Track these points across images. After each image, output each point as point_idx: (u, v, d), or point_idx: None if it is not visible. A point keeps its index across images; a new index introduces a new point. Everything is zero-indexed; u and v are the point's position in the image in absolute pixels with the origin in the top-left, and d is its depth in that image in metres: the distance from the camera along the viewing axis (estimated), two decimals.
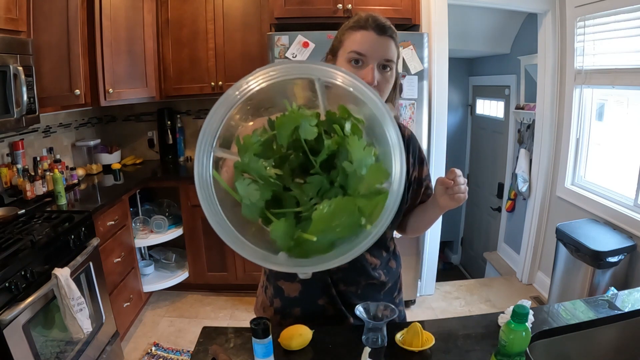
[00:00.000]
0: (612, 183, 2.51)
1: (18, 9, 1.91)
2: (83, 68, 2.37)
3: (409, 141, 1.10)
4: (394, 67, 0.96)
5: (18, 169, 2.28)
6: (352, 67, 0.94)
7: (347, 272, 1.07)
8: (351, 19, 0.98)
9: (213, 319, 2.77)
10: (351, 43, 0.94)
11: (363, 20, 0.94)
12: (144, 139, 3.43)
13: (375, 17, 0.95)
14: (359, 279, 1.09)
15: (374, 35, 0.92)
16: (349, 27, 0.96)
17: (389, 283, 1.15)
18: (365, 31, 0.93)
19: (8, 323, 1.43)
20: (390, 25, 0.96)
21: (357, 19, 0.96)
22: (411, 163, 1.10)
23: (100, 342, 2.07)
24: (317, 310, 1.11)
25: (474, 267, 4.49)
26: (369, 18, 0.94)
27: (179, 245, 3.12)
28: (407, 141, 1.09)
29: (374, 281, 1.11)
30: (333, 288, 1.08)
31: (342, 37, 0.97)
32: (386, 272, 1.14)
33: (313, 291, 1.10)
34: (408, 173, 1.09)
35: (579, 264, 2.26)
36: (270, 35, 2.43)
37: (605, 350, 0.98)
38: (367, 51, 0.92)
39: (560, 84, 2.82)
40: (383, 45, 0.93)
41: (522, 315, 0.80)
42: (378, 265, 1.11)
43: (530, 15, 3.12)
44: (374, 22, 0.93)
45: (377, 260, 1.11)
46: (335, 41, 0.99)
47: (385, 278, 1.13)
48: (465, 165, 4.70)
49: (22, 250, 1.58)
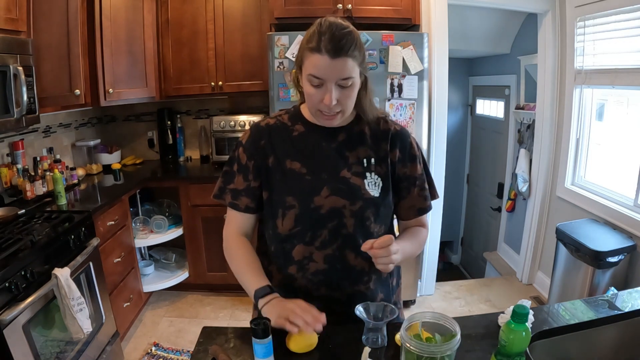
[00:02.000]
0: (612, 183, 2.51)
1: (18, 9, 1.91)
2: (83, 68, 2.37)
3: (395, 136, 1.08)
4: (353, 79, 0.95)
5: (18, 169, 2.28)
6: (313, 87, 0.95)
7: (330, 276, 1.05)
8: (310, 31, 0.95)
9: (213, 319, 2.77)
10: (309, 65, 0.94)
11: (316, 42, 0.91)
12: (144, 139, 3.43)
13: (330, 34, 0.91)
14: (344, 284, 1.06)
15: (328, 59, 0.90)
16: (306, 47, 0.94)
17: (380, 295, 1.12)
18: (319, 55, 0.91)
19: (8, 323, 1.43)
20: (346, 40, 0.91)
21: (313, 36, 0.93)
22: (399, 158, 1.07)
23: (100, 342, 2.07)
24: None
25: (474, 267, 4.49)
26: (322, 38, 0.91)
27: (179, 245, 3.12)
28: (392, 136, 1.07)
29: (360, 288, 1.08)
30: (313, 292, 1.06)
31: (302, 56, 0.96)
32: (378, 284, 1.12)
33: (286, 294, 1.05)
34: (395, 168, 1.07)
35: (579, 264, 2.26)
36: (270, 35, 2.43)
37: (605, 350, 0.98)
38: (323, 75, 0.93)
39: (560, 84, 2.82)
40: (337, 67, 0.92)
41: (522, 315, 0.80)
42: (367, 273, 1.07)
43: (530, 15, 3.12)
44: (329, 42, 0.90)
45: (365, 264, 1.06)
46: (298, 57, 0.98)
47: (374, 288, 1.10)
48: (465, 165, 4.70)
49: (22, 250, 1.58)
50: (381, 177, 1.05)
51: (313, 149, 1.05)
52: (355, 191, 1.03)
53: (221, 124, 2.99)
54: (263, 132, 1.08)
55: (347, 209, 1.02)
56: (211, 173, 2.98)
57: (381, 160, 1.06)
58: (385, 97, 2.47)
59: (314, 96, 0.96)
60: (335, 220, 1.03)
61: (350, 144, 1.06)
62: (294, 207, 1.03)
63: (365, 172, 1.04)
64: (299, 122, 1.08)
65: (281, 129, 1.08)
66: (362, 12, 2.59)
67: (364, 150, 1.06)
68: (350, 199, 1.02)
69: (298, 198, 1.03)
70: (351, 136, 1.06)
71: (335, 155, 1.05)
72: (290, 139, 1.07)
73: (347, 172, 1.04)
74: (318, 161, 1.04)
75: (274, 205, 1.06)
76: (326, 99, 0.94)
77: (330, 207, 1.02)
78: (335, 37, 0.91)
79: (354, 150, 1.05)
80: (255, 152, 1.07)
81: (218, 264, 2.95)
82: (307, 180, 1.03)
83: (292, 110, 1.12)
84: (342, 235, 1.03)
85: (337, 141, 1.05)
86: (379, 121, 1.09)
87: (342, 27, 0.93)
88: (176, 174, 3.07)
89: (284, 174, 1.04)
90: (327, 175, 1.03)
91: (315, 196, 1.02)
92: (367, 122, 1.08)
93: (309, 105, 1.01)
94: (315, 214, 1.02)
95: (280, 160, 1.05)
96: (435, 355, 0.78)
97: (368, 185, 1.04)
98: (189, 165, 3.28)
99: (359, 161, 1.05)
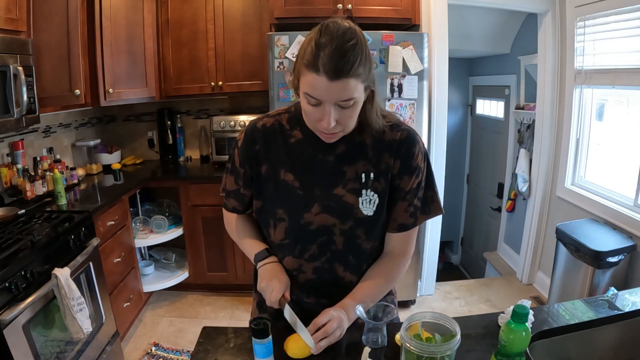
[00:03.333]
0: (612, 183, 2.51)
1: (18, 9, 1.91)
2: (83, 68, 2.37)
3: (401, 142, 0.98)
4: (355, 99, 0.85)
5: (18, 169, 2.28)
6: (310, 105, 0.86)
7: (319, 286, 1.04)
8: (307, 40, 0.85)
9: (213, 319, 2.77)
10: (305, 84, 0.84)
11: (313, 57, 0.80)
12: (144, 139, 3.43)
13: (330, 50, 0.79)
14: (333, 293, 1.03)
15: (326, 81, 0.80)
16: (304, 63, 0.83)
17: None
18: (317, 75, 0.80)
19: (8, 323, 1.43)
20: (349, 58, 0.79)
21: (310, 48, 0.82)
22: (398, 169, 0.98)
23: (100, 342, 2.07)
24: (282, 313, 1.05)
25: (474, 267, 4.49)
26: (320, 53, 0.79)
27: (179, 245, 3.12)
28: (397, 146, 0.98)
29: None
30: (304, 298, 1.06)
31: (299, 69, 0.86)
32: None
33: None
34: (394, 180, 0.99)
35: (579, 264, 2.26)
36: (270, 35, 2.43)
37: (605, 350, 0.98)
38: (320, 97, 0.83)
39: (560, 84, 2.81)
40: (337, 89, 0.81)
41: (522, 315, 0.80)
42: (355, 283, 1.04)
43: (530, 15, 3.12)
44: (328, 61, 0.79)
45: (354, 277, 1.04)
46: (295, 68, 0.88)
47: None
48: (465, 165, 4.70)
49: (22, 250, 1.58)
50: (378, 194, 0.98)
51: (308, 160, 0.99)
52: (348, 210, 0.98)
53: (221, 124, 2.99)
54: (258, 136, 1.02)
55: (337, 227, 0.99)
56: (211, 173, 2.98)
57: (380, 175, 0.98)
58: (385, 97, 2.47)
59: (311, 114, 0.88)
60: (325, 237, 1.00)
61: (349, 157, 0.98)
62: (284, 220, 1.01)
63: (362, 189, 0.98)
64: (297, 127, 1.01)
65: (278, 132, 1.01)
66: (362, 12, 2.59)
67: (363, 165, 0.98)
68: (340, 218, 0.98)
69: (288, 212, 1.00)
70: (351, 148, 0.98)
71: (331, 169, 0.98)
72: (286, 146, 1.00)
73: (342, 190, 0.98)
74: (312, 175, 0.99)
75: (267, 215, 1.05)
76: (324, 123, 0.86)
77: (320, 225, 0.99)
78: (336, 55, 0.79)
79: (353, 165, 0.98)
80: (249, 159, 1.02)
81: (218, 264, 2.95)
82: (298, 195, 0.99)
83: (292, 110, 1.04)
84: (332, 250, 1.01)
85: (335, 154, 0.98)
86: (384, 130, 0.99)
87: (345, 39, 0.80)
88: (176, 174, 3.07)
89: (277, 184, 1.00)
90: (320, 191, 0.98)
91: (306, 212, 0.99)
92: (372, 131, 0.98)
93: (307, 121, 0.93)
94: (305, 230, 1.00)
95: (274, 169, 1.01)
96: (435, 355, 0.78)
97: (362, 203, 0.98)
98: (189, 165, 3.28)
99: (357, 177, 0.98)
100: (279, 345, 0.94)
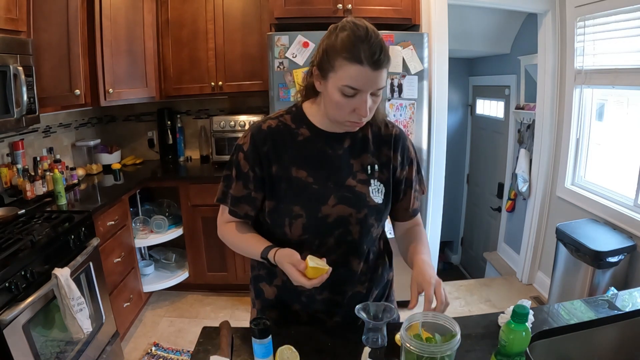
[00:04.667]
0: (612, 183, 2.51)
1: (18, 9, 1.91)
2: (83, 68, 2.37)
3: (396, 140, 1.09)
4: (384, 87, 0.94)
5: (18, 169, 2.28)
6: (345, 97, 0.91)
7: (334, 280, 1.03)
8: (344, 38, 0.89)
9: (213, 319, 2.77)
10: (346, 76, 0.89)
11: (356, 51, 0.87)
12: (144, 139, 3.43)
13: (369, 44, 0.87)
14: (345, 287, 1.08)
15: (370, 71, 0.88)
16: (344, 57, 0.88)
17: (375, 290, 1.15)
18: (361, 67, 0.87)
19: (8, 323, 1.43)
20: (385, 52, 0.89)
21: (352, 46, 0.87)
22: (399, 162, 1.09)
23: (100, 342, 2.07)
24: (291, 314, 1.11)
25: (474, 267, 4.49)
26: (361, 47, 0.87)
27: (179, 245, 3.12)
28: (394, 140, 1.09)
29: (359, 289, 1.10)
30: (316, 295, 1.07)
31: (334, 63, 0.90)
32: (375, 282, 1.14)
33: (288, 296, 1.10)
34: (396, 171, 1.09)
35: (579, 264, 2.26)
36: (270, 35, 2.43)
37: (605, 350, 0.98)
38: (362, 86, 0.90)
39: (560, 84, 2.81)
40: (377, 78, 0.90)
41: (522, 315, 0.80)
42: (365, 274, 1.10)
43: (530, 15, 3.11)
44: (371, 55, 0.87)
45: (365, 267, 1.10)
46: (325, 61, 0.92)
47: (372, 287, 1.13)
48: (465, 165, 4.70)
49: (22, 250, 1.58)
50: (383, 184, 1.06)
51: (319, 156, 1.03)
52: (362, 199, 1.03)
53: (221, 124, 2.99)
54: (265, 137, 1.03)
55: (354, 217, 1.03)
56: (211, 173, 2.98)
57: (383, 166, 1.07)
58: (385, 97, 2.47)
59: (345, 105, 0.93)
60: (342, 228, 1.03)
61: (355, 150, 1.05)
62: (302, 216, 1.02)
63: (370, 179, 1.05)
64: (303, 126, 1.04)
65: (284, 132, 1.03)
66: (362, 12, 2.59)
67: (367, 157, 1.06)
68: (356, 207, 1.03)
69: (305, 208, 1.01)
70: (356, 142, 1.06)
71: (341, 162, 1.04)
72: (295, 145, 1.03)
73: (353, 180, 1.04)
74: (324, 169, 1.03)
75: (281, 215, 1.03)
76: (362, 110, 0.92)
77: (337, 216, 1.02)
78: (377, 47, 0.87)
79: (359, 157, 1.05)
80: (258, 161, 1.02)
81: (218, 264, 2.95)
82: (314, 190, 1.02)
83: (293, 110, 1.06)
84: (347, 242, 1.05)
85: (342, 147, 1.04)
86: (381, 125, 1.08)
87: (377, 34, 0.90)
88: (176, 174, 3.07)
89: (290, 182, 1.02)
90: (334, 184, 1.03)
91: (323, 205, 1.01)
92: (371, 126, 1.07)
93: (336, 114, 0.96)
94: (323, 223, 1.02)
95: (286, 168, 1.02)
96: (435, 355, 0.78)
97: (372, 192, 1.05)
98: (189, 165, 3.28)
99: (363, 168, 1.05)
100: (279, 345, 0.94)
